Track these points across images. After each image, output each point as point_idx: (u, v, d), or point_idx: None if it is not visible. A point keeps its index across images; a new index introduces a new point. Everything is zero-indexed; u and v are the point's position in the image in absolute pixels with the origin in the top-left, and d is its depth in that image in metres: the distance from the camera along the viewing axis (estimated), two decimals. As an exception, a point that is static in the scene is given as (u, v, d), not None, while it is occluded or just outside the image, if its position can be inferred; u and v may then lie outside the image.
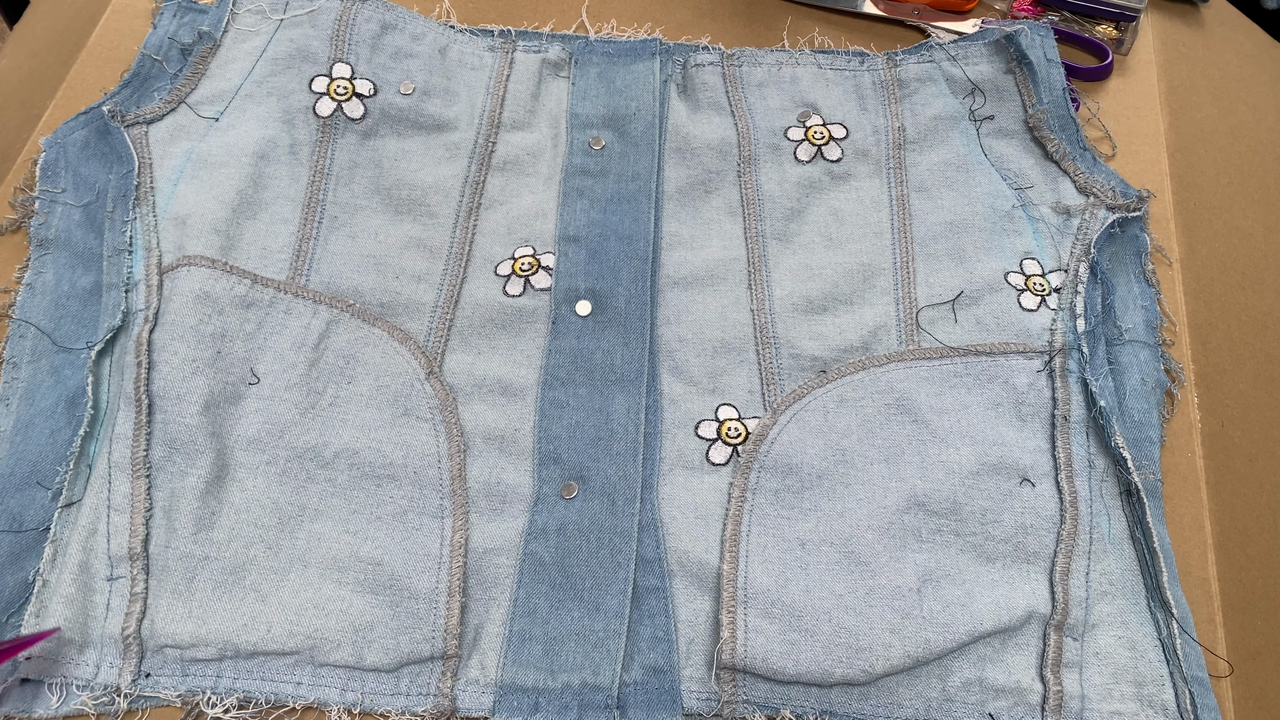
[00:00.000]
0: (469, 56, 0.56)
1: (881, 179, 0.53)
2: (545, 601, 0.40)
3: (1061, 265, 0.49)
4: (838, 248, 0.50)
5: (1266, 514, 0.45)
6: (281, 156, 0.50)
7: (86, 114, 0.51)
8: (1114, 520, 0.43)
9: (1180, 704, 0.39)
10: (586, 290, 0.48)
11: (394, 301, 0.47)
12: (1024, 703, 0.39)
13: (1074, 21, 0.61)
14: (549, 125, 0.54)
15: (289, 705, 0.38)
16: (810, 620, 0.39)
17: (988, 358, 0.46)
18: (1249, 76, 0.62)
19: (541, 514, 0.42)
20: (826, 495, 0.43)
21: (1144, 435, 0.45)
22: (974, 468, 0.43)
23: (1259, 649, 0.42)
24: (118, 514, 0.40)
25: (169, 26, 0.55)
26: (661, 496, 0.43)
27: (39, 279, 0.47)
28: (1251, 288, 0.52)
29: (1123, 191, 0.52)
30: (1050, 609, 0.41)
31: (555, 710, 0.38)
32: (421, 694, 0.39)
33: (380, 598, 0.40)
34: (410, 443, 0.43)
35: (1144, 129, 0.57)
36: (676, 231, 0.51)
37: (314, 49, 0.53)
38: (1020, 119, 0.55)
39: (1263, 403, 0.49)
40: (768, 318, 0.48)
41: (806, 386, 0.45)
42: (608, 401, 0.45)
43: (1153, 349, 0.48)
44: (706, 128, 0.54)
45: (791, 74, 0.56)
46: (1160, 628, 0.41)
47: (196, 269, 0.45)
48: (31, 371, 0.45)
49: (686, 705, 0.39)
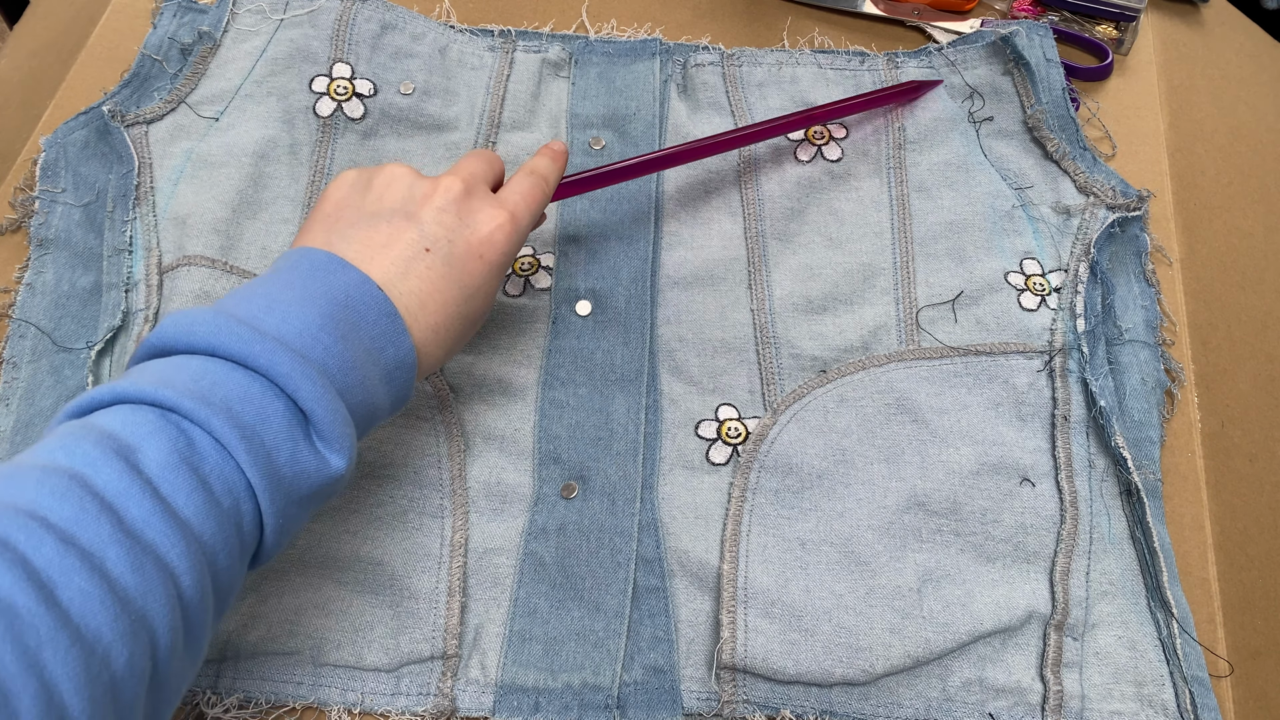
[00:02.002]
0: (469, 56, 0.56)
1: (881, 179, 0.53)
2: (545, 601, 0.40)
3: (1061, 265, 0.49)
4: (838, 248, 0.50)
5: (1266, 514, 0.45)
6: (281, 156, 0.50)
7: (86, 114, 0.51)
8: (1114, 520, 0.43)
9: (1180, 704, 0.39)
10: (586, 290, 0.48)
11: (394, 301, 0.47)
12: (1024, 703, 0.39)
13: (1074, 21, 0.61)
14: (549, 125, 0.54)
15: (289, 705, 0.38)
16: (810, 620, 0.39)
17: (988, 358, 0.46)
18: (1249, 76, 0.62)
19: (541, 514, 0.42)
20: (826, 495, 0.43)
21: (1144, 435, 0.45)
22: (974, 467, 0.43)
23: (1259, 649, 0.42)
24: (118, 514, 0.40)
25: (169, 26, 0.55)
26: (661, 496, 0.43)
27: (39, 279, 0.47)
28: (1251, 288, 0.52)
29: (1123, 191, 0.52)
30: (1050, 609, 0.41)
31: (555, 710, 0.38)
32: (421, 694, 0.39)
33: (380, 597, 0.40)
34: (410, 442, 0.43)
35: (1144, 129, 0.57)
36: (676, 231, 0.51)
37: (314, 49, 0.53)
38: (1019, 119, 0.55)
39: (1263, 403, 0.49)
40: (768, 318, 0.48)
41: (806, 386, 0.45)
42: (608, 401, 0.45)
43: (1153, 349, 0.48)
44: (706, 127, 0.54)
45: (791, 74, 0.56)
46: (1160, 628, 0.41)
47: (196, 269, 0.45)
48: (31, 371, 0.45)
49: (686, 705, 0.39)
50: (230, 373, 0.30)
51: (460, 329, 0.37)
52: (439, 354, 0.36)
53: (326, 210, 0.37)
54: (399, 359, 0.34)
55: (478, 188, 0.38)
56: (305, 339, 0.31)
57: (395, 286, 0.34)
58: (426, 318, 0.35)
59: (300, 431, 0.30)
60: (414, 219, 0.36)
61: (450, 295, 0.35)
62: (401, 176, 0.38)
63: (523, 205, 0.39)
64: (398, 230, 0.35)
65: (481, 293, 0.37)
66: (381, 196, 0.37)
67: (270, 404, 0.29)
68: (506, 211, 0.38)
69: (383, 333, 0.33)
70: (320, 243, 0.36)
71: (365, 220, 0.36)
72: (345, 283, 0.33)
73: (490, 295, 0.38)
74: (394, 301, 0.34)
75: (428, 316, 0.35)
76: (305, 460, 0.30)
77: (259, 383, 0.30)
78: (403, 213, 0.36)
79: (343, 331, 0.32)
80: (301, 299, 0.32)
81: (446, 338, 0.36)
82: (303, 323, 0.31)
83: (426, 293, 0.35)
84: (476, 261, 0.36)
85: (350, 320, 0.32)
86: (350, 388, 0.32)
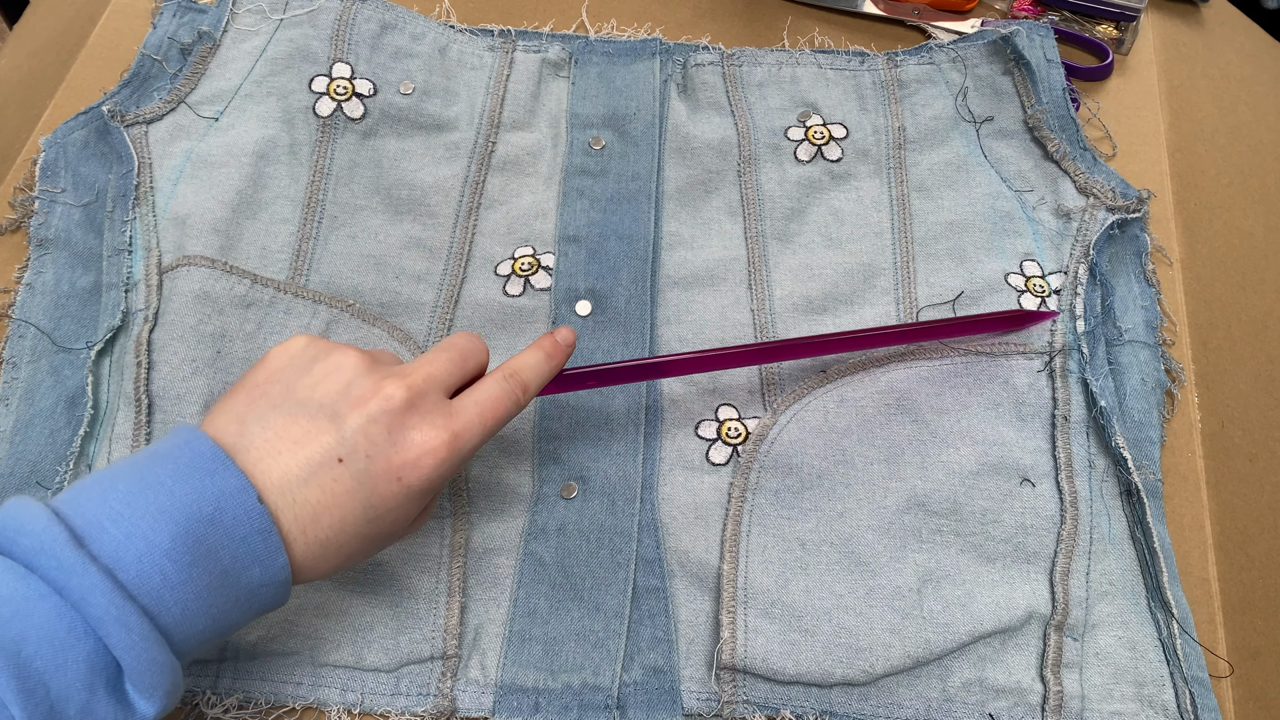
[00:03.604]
0: (469, 56, 0.56)
1: (882, 179, 0.53)
2: (545, 601, 0.40)
3: (1062, 266, 0.49)
4: (838, 247, 0.50)
5: (1266, 514, 0.45)
6: (281, 156, 0.50)
7: (86, 114, 0.51)
8: (1114, 520, 0.43)
9: (1180, 704, 0.39)
10: (586, 290, 0.48)
11: (394, 301, 0.47)
12: (1024, 703, 0.39)
13: (1074, 21, 0.61)
14: (549, 125, 0.54)
15: (289, 705, 0.38)
16: (810, 620, 0.39)
17: (988, 358, 0.46)
18: (1249, 76, 0.62)
19: (541, 514, 0.42)
20: (826, 495, 0.43)
21: (1144, 435, 0.45)
22: (974, 468, 0.43)
23: (1259, 649, 0.42)
24: (117, 514, 0.40)
25: (169, 26, 0.55)
26: (661, 496, 0.43)
27: (39, 279, 0.47)
28: (1251, 288, 0.52)
29: (1123, 191, 0.52)
30: (1050, 609, 0.41)
31: (555, 710, 0.38)
32: (421, 694, 0.39)
33: (380, 598, 0.40)
34: (410, 443, 0.43)
35: (1144, 129, 0.57)
36: (676, 231, 0.51)
37: (314, 49, 0.53)
38: (1020, 119, 0.55)
39: (1263, 403, 0.49)
40: (768, 317, 0.48)
41: (806, 386, 0.45)
42: (608, 401, 0.45)
43: (1153, 349, 0.48)
44: (706, 127, 0.54)
45: (791, 74, 0.56)
46: (1160, 628, 0.41)
47: (196, 269, 0.45)
48: (31, 371, 0.45)
49: (686, 705, 0.39)
50: (40, 601, 0.27)
51: (357, 547, 0.33)
52: (325, 569, 0.33)
53: (258, 379, 0.34)
54: (267, 578, 0.31)
55: (427, 397, 0.34)
56: (144, 564, 0.28)
57: (291, 493, 0.31)
58: (317, 532, 0.32)
59: (103, 679, 0.28)
60: (339, 422, 0.32)
61: (351, 513, 0.32)
62: (346, 368, 0.34)
63: (476, 423, 0.34)
64: (317, 429, 0.32)
65: (392, 516, 0.33)
66: (317, 384, 0.33)
67: (73, 647, 0.27)
68: (449, 432, 0.33)
69: (250, 551, 0.30)
70: (234, 418, 0.33)
71: (290, 406, 0.33)
72: (219, 490, 0.30)
73: (405, 519, 0.34)
74: (279, 512, 0.31)
75: (319, 531, 0.32)
76: (101, 711, 0.28)
77: (68, 619, 0.27)
78: (330, 411, 0.32)
79: (195, 556, 0.29)
80: (158, 510, 0.29)
81: (337, 556, 0.32)
82: (148, 543, 0.28)
83: (324, 506, 0.31)
84: (393, 484, 0.32)
85: (211, 540, 0.29)
86: (190, 617, 0.29)
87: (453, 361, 0.35)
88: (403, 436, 0.33)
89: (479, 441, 0.34)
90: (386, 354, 0.38)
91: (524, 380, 0.36)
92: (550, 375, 0.38)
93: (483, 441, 0.35)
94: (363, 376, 0.34)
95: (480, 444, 0.35)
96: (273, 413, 0.32)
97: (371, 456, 0.32)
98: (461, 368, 0.36)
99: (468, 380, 0.36)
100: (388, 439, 0.32)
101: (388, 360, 0.37)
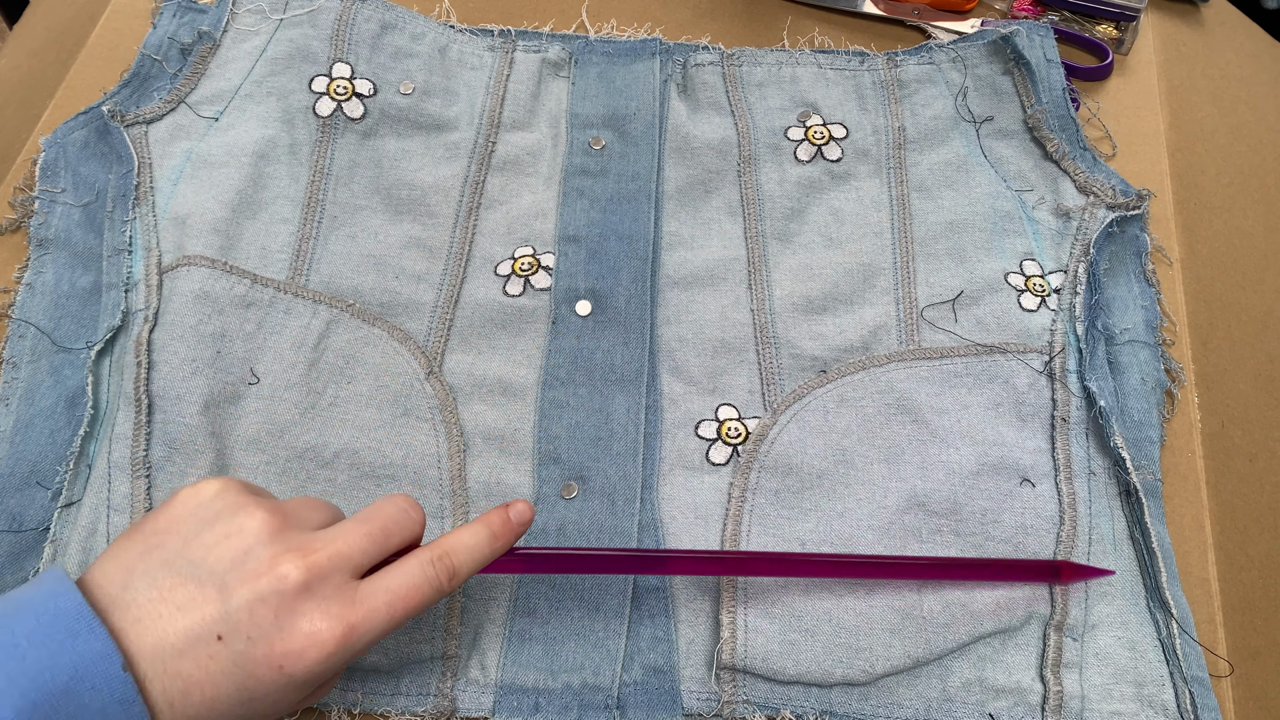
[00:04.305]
0: (469, 56, 0.56)
1: (881, 179, 0.53)
2: (545, 601, 0.40)
3: (1061, 266, 0.49)
4: (838, 247, 0.50)
5: (1266, 514, 0.45)
6: (281, 156, 0.50)
7: (86, 114, 0.51)
8: (1114, 520, 0.43)
9: (1180, 704, 0.39)
10: (586, 290, 0.48)
11: (394, 301, 0.47)
12: (1024, 703, 0.39)
13: (1074, 21, 0.61)
14: (549, 125, 0.54)
15: (289, 705, 0.38)
16: (810, 620, 0.39)
17: (988, 358, 0.46)
18: (1249, 76, 0.62)
19: (541, 514, 0.42)
20: (826, 495, 0.43)
21: (1144, 435, 0.45)
22: (974, 468, 0.43)
23: (1259, 649, 0.42)
24: (117, 514, 0.40)
25: (169, 26, 0.55)
26: (661, 496, 0.43)
27: (39, 279, 0.47)
28: (1251, 288, 0.52)
29: (1123, 191, 0.52)
30: (1050, 609, 0.41)
31: (555, 710, 0.38)
32: (421, 694, 0.39)
33: (380, 598, 0.40)
34: (410, 443, 0.43)
35: (1144, 129, 0.57)
36: (676, 231, 0.51)
37: (314, 49, 0.53)
38: (1020, 119, 0.55)
39: (1263, 403, 0.49)
40: (768, 317, 0.48)
41: (806, 386, 0.45)
42: (608, 401, 0.45)
43: (1153, 349, 0.48)
44: (706, 127, 0.54)
45: (791, 74, 0.56)
46: (1160, 628, 0.41)
47: (196, 269, 0.45)
48: (31, 371, 0.45)
49: (686, 705, 0.39)
50: None
51: None
52: None
53: (158, 526, 0.32)
54: None
55: (328, 581, 0.31)
56: None
57: (163, 663, 0.29)
58: (186, 708, 0.29)
59: None
60: (225, 595, 0.30)
61: (223, 695, 0.30)
62: (247, 533, 0.31)
63: (381, 614, 0.31)
64: (203, 599, 0.30)
65: (269, 700, 0.30)
66: (215, 545, 0.31)
67: None
68: (344, 625, 0.30)
69: None
70: (123, 567, 0.31)
71: (181, 565, 0.31)
72: (80, 657, 0.28)
73: (284, 705, 0.31)
74: (148, 682, 0.29)
75: (187, 708, 0.29)
76: None
77: None
78: (219, 581, 0.30)
79: None
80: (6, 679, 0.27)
81: None
82: None
83: (196, 683, 0.29)
84: (272, 672, 0.30)
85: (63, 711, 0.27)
86: None
87: (371, 537, 0.32)
88: (290, 622, 0.30)
89: (381, 633, 0.31)
90: (309, 507, 0.34)
91: (453, 565, 0.33)
92: (490, 558, 0.35)
93: (387, 633, 0.32)
94: (262, 546, 0.31)
95: (384, 635, 0.31)
96: (162, 570, 0.30)
97: (253, 639, 0.30)
98: (382, 544, 0.33)
99: (389, 556, 0.33)
100: (273, 623, 0.30)
101: (306, 517, 0.33)
